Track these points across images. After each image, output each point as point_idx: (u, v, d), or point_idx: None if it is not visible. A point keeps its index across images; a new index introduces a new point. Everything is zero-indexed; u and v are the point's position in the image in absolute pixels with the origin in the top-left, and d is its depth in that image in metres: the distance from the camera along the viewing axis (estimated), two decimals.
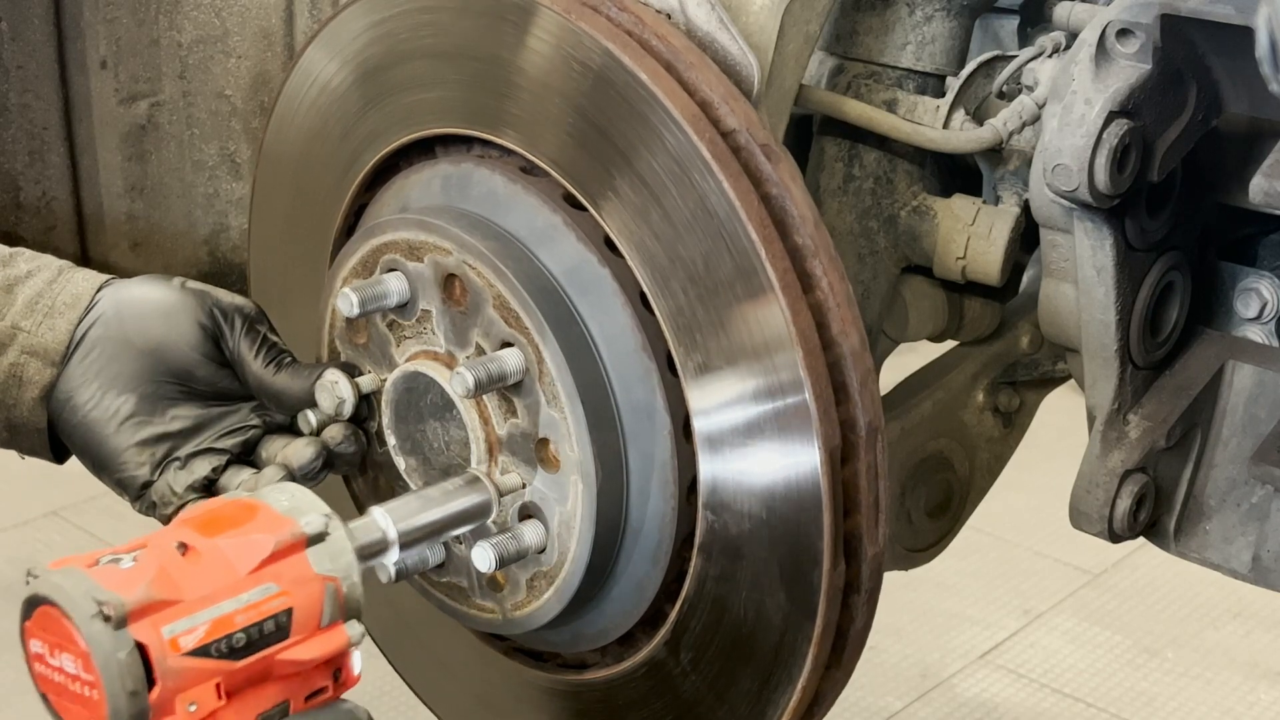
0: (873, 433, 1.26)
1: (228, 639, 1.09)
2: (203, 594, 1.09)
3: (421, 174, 1.45)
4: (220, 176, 2.07)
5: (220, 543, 1.12)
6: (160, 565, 1.09)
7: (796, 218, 1.26)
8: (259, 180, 1.66)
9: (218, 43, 2.00)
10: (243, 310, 1.43)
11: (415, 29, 1.42)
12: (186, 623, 1.07)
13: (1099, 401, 1.54)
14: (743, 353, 1.25)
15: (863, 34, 1.68)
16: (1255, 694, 3.39)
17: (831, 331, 1.25)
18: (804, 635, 1.28)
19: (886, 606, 1.34)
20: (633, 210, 1.29)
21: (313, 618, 1.13)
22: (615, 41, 1.27)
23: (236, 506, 1.17)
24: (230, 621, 1.09)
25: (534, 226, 1.34)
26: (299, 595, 1.13)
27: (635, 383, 1.31)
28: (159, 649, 1.06)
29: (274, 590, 1.11)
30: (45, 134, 1.98)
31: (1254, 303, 1.59)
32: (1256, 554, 1.54)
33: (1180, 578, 3.75)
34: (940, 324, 1.82)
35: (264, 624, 1.10)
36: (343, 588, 1.15)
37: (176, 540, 1.11)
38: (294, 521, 1.15)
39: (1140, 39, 1.33)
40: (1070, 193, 1.38)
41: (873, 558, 1.28)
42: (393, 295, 1.38)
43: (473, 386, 1.30)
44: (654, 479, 1.32)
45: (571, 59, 1.30)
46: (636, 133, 1.27)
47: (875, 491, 1.27)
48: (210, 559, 1.11)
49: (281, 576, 1.12)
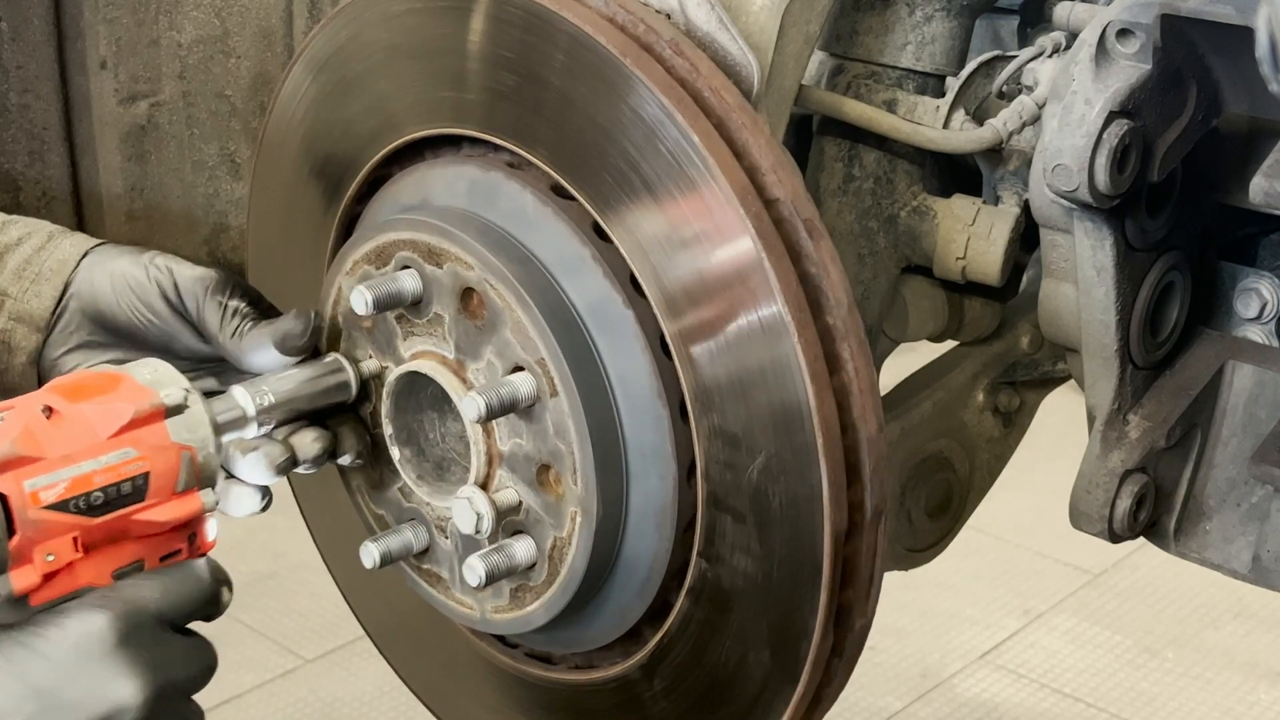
0: (878, 516, 1.26)
1: (86, 496, 1.16)
2: (64, 453, 1.15)
3: (447, 170, 1.42)
4: (220, 176, 2.07)
5: (83, 408, 1.18)
6: (25, 424, 1.15)
7: (831, 300, 1.24)
8: (259, 170, 1.65)
9: (218, 43, 2.00)
10: (204, 280, 1.44)
11: (423, 27, 1.41)
12: (47, 479, 1.14)
13: (1099, 401, 1.54)
14: (760, 425, 1.24)
15: (863, 34, 1.68)
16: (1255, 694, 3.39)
17: (852, 414, 1.24)
18: (782, 697, 1.28)
19: (886, 606, 1.34)
20: (663, 260, 1.28)
21: (169, 483, 1.20)
22: (670, 95, 1.25)
23: (102, 377, 1.23)
24: (89, 480, 1.16)
25: (561, 254, 1.32)
26: (156, 461, 1.19)
27: (646, 427, 1.30)
28: (19, 500, 1.12)
29: (132, 454, 1.18)
30: (45, 134, 1.98)
31: (1254, 303, 1.59)
32: (1256, 554, 1.54)
33: (1180, 578, 3.76)
34: (940, 324, 1.82)
35: (121, 485, 1.17)
36: (198, 456, 1.22)
37: (42, 403, 1.17)
38: (154, 392, 1.21)
39: (1140, 39, 1.33)
40: (1070, 193, 1.38)
41: (860, 628, 1.29)
42: (408, 294, 1.37)
43: (484, 413, 1.29)
44: (651, 519, 1.31)
45: (623, 103, 1.28)
46: (680, 190, 1.26)
47: (872, 568, 1.27)
48: (73, 422, 1.17)
49: (140, 442, 1.19)
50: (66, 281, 1.45)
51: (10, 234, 1.48)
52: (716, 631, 1.31)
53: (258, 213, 1.68)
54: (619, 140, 1.29)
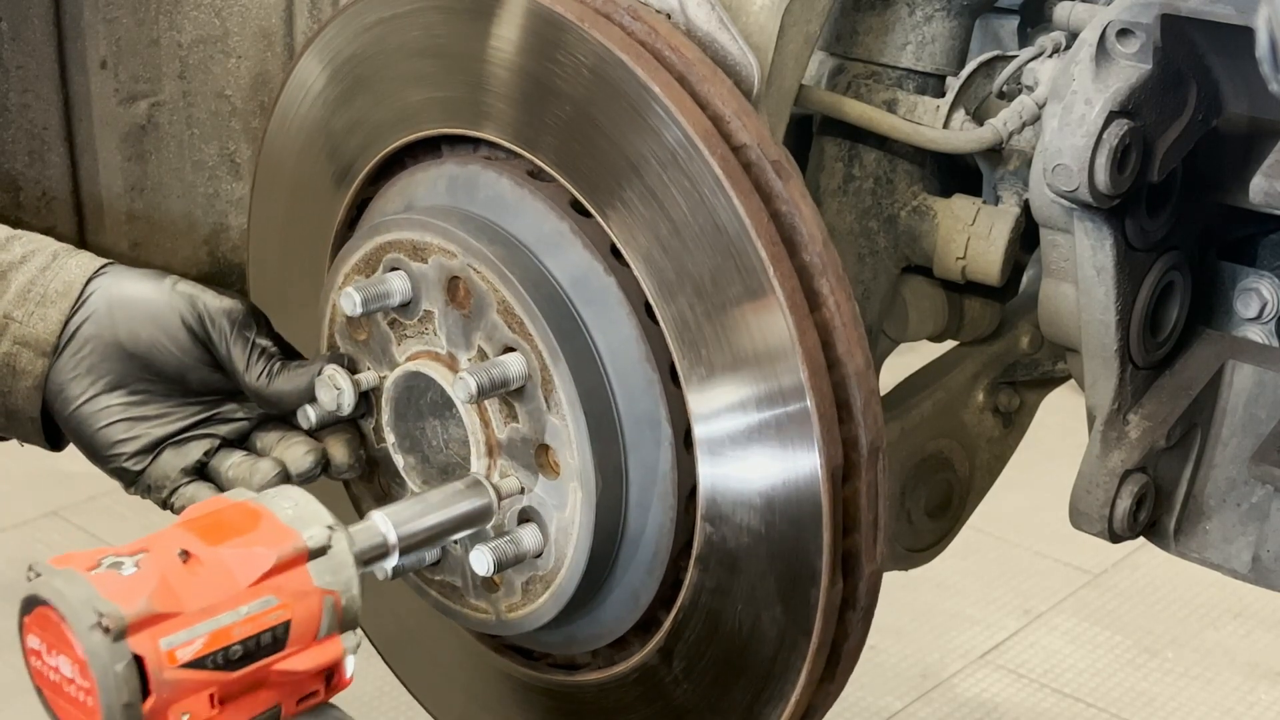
0: (874, 452, 1.26)
1: (224, 651, 1.09)
2: (202, 606, 1.08)
3: (428, 172, 1.44)
4: (220, 176, 2.07)
5: (223, 553, 1.11)
6: (161, 574, 1.08)
7: (805, 235, 1.25)
8: (260, 170, 1.65)
9: (218, 43, 2.00)
10: (230, 314, 1.42)
11: (427, 28, 1.42)
12: (185, 635, 1.07)
13: (1099, 401, 1.54)
14: (747, 367, 1.25)
15: (863, 34, 1.68)
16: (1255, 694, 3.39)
17: (837, 350, 1.25)
18: (799, 651, 1.28)
19: (886, 606, 1.34)
20: (640, 221, 1.28)
21: (310, 629, 1.14)
22: (629, 52, 1.27)
23: (240, 512, 1.16)
24: (228, 634, 1.09)
25: (541, 232, 1.34)
26: (298, 608, 1.13)
27: (638, 392, 1.30)
28: (156, 661, 1.06)
29: (274, 603, 1.11)
30: (45, 134, 1.98)
31: (1254, 303, 1.59)
32: (1256, 554, 1.54)
33: (1180, 578, 3.75)
34: (940, 324, 1.82)
35: (261, 636, 1.10)
36: (341, 600, 1.15)
37: (179, 547, 1.11)
38: (297, 534, 1.14)
39: (1140, 39, 1.33)
40: (1070, 193, 1.38)
41: (870, 575, 1.28)
42: (396, 295, 1.38)
43: (475, 392, 1.30)
44: (654, 489, 1.32)
45: (583, 67, 1.29)
46: (648, 145, 1.27)
47: (875, 510, 1.26)
48: (211, 569, 1.10)
49: (282, 589, 1.12)
50: (75, 304, 1.41)
51: (13, 251, 1.44)
52: (728, 597, 1.31)
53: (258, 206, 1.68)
54: (585, 107, 1.30)
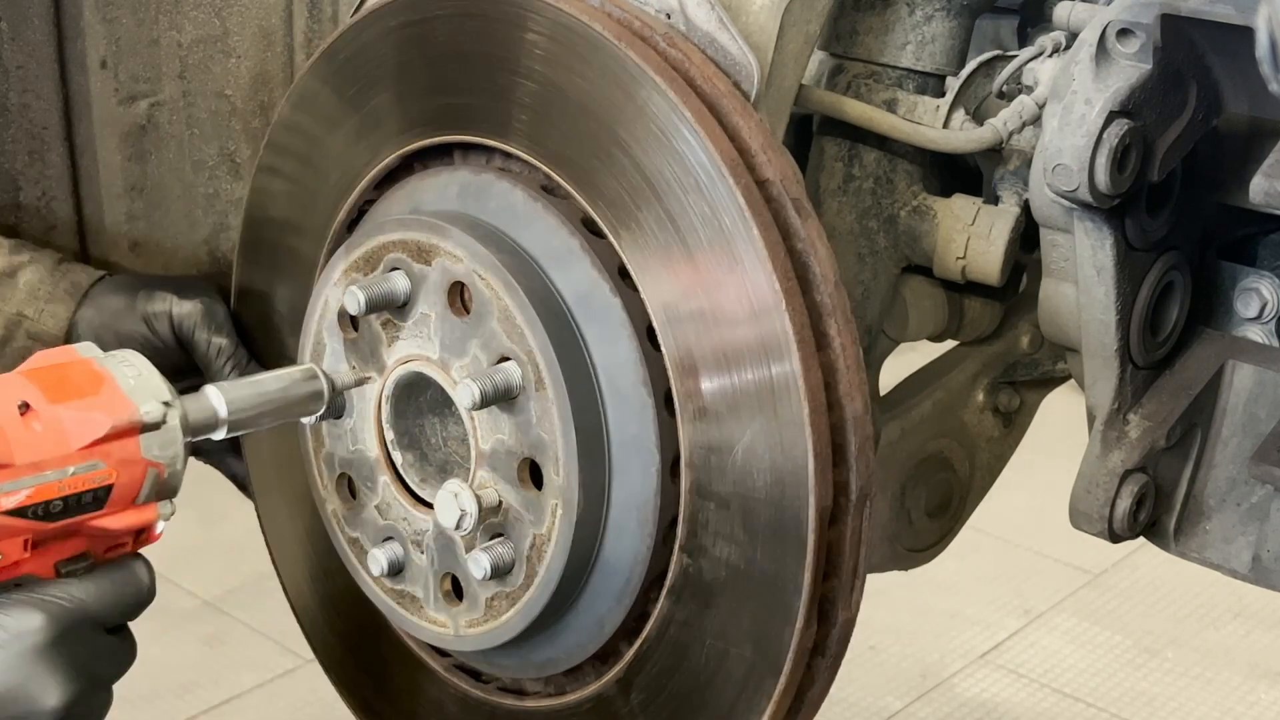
0: (863, 499, 1.25)
1: (46, 504, 1.13)
2: (33, 460, 1.12)
3: (439, 177, 1.43)
4: (220, 176, 2.07)
5: (60, 412, 1.14)
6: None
7: (819, 275, 1.25)
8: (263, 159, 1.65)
9: (218, 43, 2.00)
10: (190, 318, 1.53)
11: (452, 33, 1.40)
12: (10, 485, 1.11)
13: (1099, 401, 1.54)
14: (745, 402, 1.24)
15: (863, 34, 1.68)
16: (1255, 694, 3.40)
17: (838, 392, 1.24)
18: (764, 692, 1.27)
19: (886, 606, 1.34)
20: (653, 243, 1.27)
21: (131, 494, 1.18)
22: (663, 75, 1.26)
23: (84, 372, 1.19)
24: (52, 489, 1.13)
25: (550, 246, 1.33)
26: (123, 475, 1.17)
27: (630, 416, 1.29)
28: None
29: (100, 467, 1.15)
30: (45, 134, 1.98)
31: (1254, 303, 1.59)
32: (1256, 554, 1.54)
33: (1180, 578, 3.76)
34: (940, 324, 1.82)
35: (83, 495, 1.15)
36: (165, 473, 1.20)
37: (20, 398, 1.14)
38: (135, 407, 1.17)
39: (1140, 39, 1.33)
40: (1070, 193, 1.38)
41: (843, 623, 1.28)
42: (400, 295, 1.37)
43: (478, 400, 1.29)
44: (634, 515, 1.30)
45: (616, 86, 1.28)
46: (670, 169, 1.26)
47: (856, 558, 1.26)
48: (47, 426, 1.14)
49: (110, 456, 1.16)
50: (79, 302, 1.55)
51: (22, 255, 1.60)
52: (698, 631, 1.30)
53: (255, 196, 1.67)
54: (611, 126, 1.29)
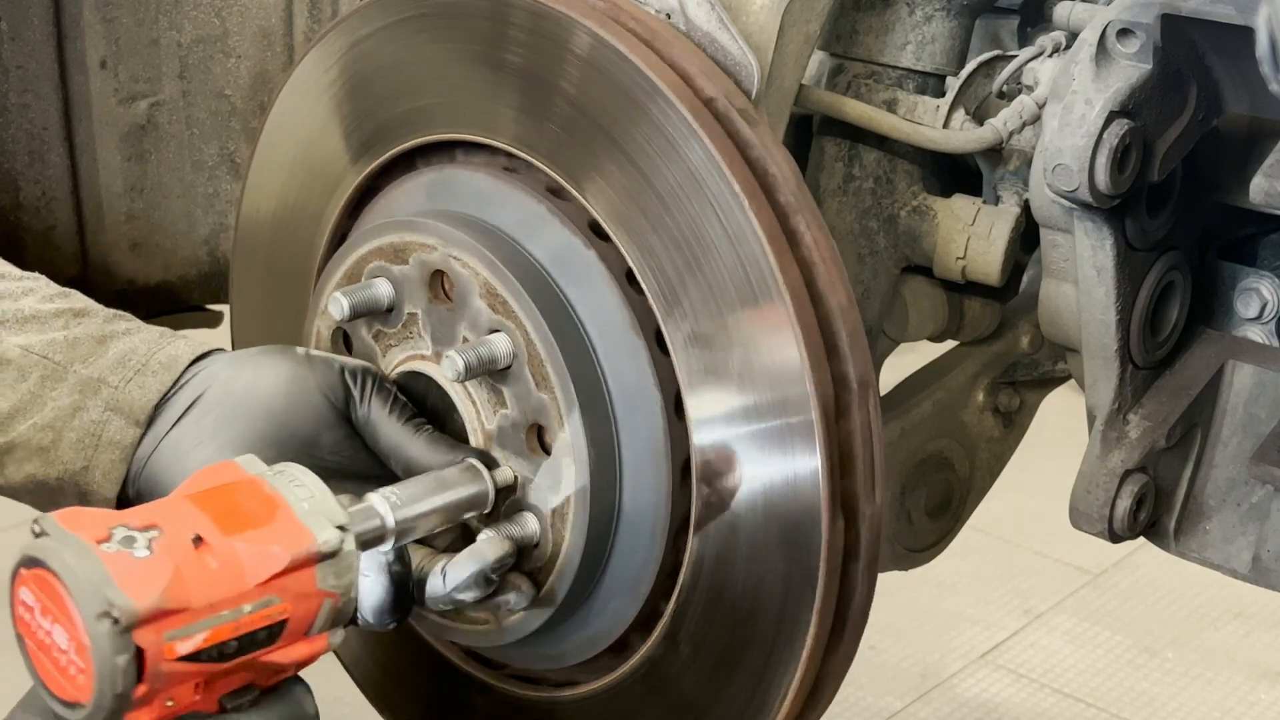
0: (865, 387, 1.24)
1: (220, 646, 1.08)
2: (209, 601, 1.07)
3: (404, 186, 1.46)
4: (220, 176, 2.07)
5: (237, 545, 1.09)
6: (175, 565, 1.06)
7: (779, 177, 1.25)
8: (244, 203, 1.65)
9: (218, 43, 2.00)
10: (371, 371, 1.36)
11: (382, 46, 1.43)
12: (186, 630, 1.06)
13: (1099, 401, 1.54)
14: (730, 310, 1.24)
15: (863, 34, 1.68)
16: (1255, 694, 3.39)
17: (818, 286, 1.24)
18: (805, 604, 1.25)
19: (886, 606, 1.33)
20: (618, 190, 1.29)
21: (304, 627, 1.13)
22: (592, 19, 1.28)
23: (256, 497, 1.14)
24: (228, 630, 1.08)
25: (519, 218, 1.34)
26: (298, 609, 1.12)
27: (625, 361, 1.30)
28: (155, 654, 1.05)
29: (276, 603, 1.10)
30: (45, 134, 1.98)
31: (1254, 303, 1.59)
32: (1256, 554, 1.54)
33: (1180, 578, 3.75)
34: (940, 324, 1.82)
35: (257, 632, 1.10)
36: (340, 602, 1.15)
37: (193, 530, 1.09)
38: (313, 537, 1.12)
39: (1140, 39, 1.33)
40: (1070, 193, 1.38)
41: (870, 518, 1.25)
42: (383, 300, 1.38)
43: (463, 369, 1.29)
44: (647, 457, 1.30)
45: (550, 42, 1.30)
46: (620, 109, 1.27)
47: (871, 451, 1.25)
48: (223, 562, 1.08)
49: (286, 590, 1.11)
50: (178, 379, 1.31)
51: (118, 324, 1.36)
52: (731, 563, 1.29)
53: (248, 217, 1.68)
54: (556, 83, 1.31)
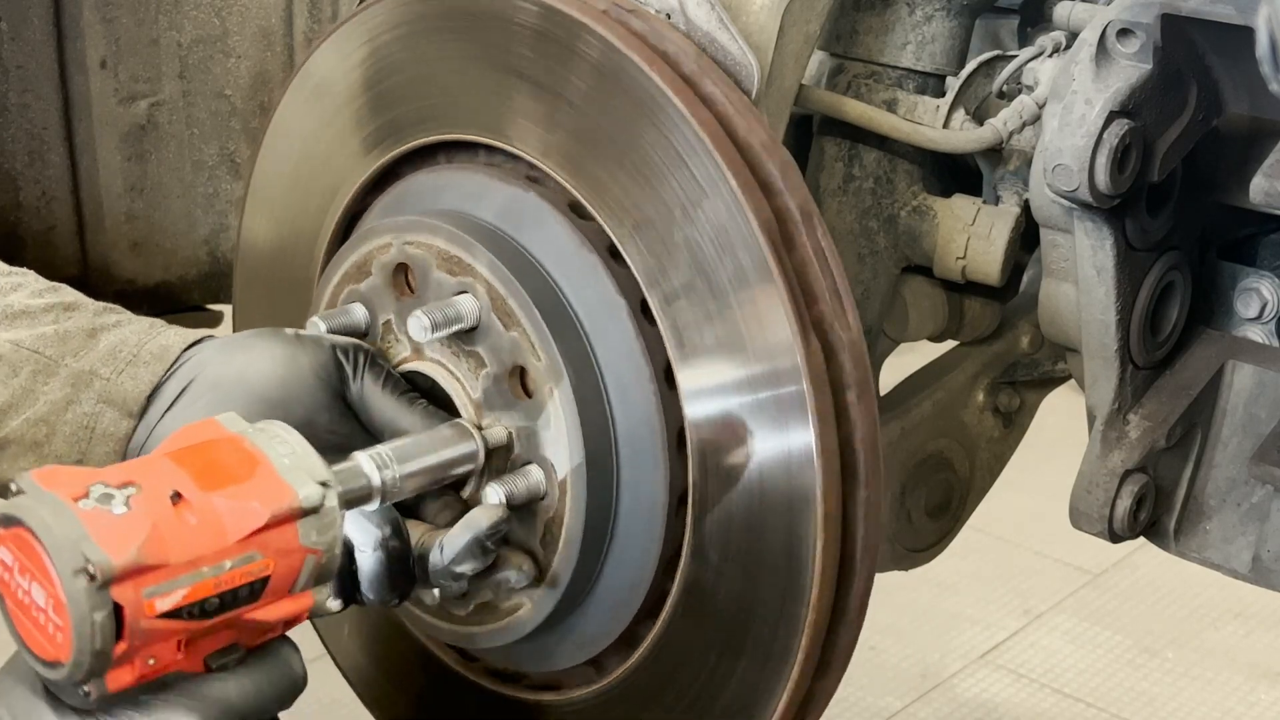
0: (808, 217, 1.25)
1: (202, 603, 1.06)
2: (189, 557, 1.05)
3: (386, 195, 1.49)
4: (220, 176, 2.07)
5: (216, 501, 1.08)
6: (154, 523, 1.05)
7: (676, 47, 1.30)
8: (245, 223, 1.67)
9: (218, 42, 2.00)
10: (363, 348, 1.36)
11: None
12: (166, 586, 1.04)
13: (1099, 401, 1.54)
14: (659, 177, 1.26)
15: (863, 34, 1.68)
16: (1255, 694, 3.39)
17: (734, 124, 1.26)
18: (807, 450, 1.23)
19: (887, 606, 1.33)
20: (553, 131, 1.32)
21: (287, 584, 1.12)
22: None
23: (236, 454, 1.12)
24: (209, 587, 1.06)
25: (464, 191, 1.38)
26: (280, 565, 1.10)
27: (583, 280, 1.31)
28: (135, 611, 1.03)
29: (257, 559, 1.08)
30: (45, 134, 1.98)
31: (1254, 303, 1.59)
32: (1256, 554, 1.54)
33: (1180, 578, 3.75)
34: (940, 324, 1.82)
35: (239, 590, 1.08)
36: (323, 558, 1.13)
37: (171, 486, 1.07)
38: (294, 492, 1.11)
39: (1141, 39, 1.33)
40: (1070, 193, 1.38)
41: (851, 346, 1.25)
42: (361, 322, 1.40)
43: (429, 328, 1.30)
44: (627, 369, 1.30)
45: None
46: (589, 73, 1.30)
47: (832, 275, 1.24)
48: (202, 518, 1.07)
49: (267, 546, 1.09)
50: (170, 367, 1.32)
51: (109, 317, 1.37)
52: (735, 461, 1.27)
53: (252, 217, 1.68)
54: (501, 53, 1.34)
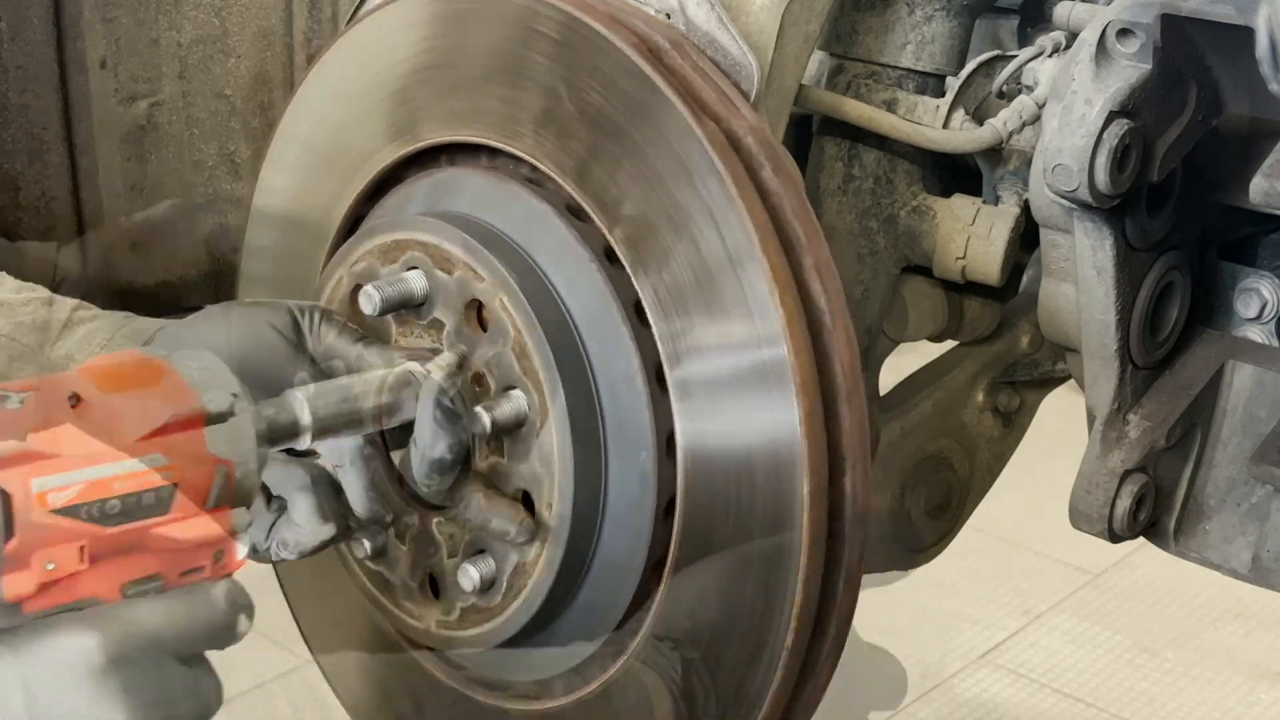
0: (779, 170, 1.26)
1: (101, 504, 1.02)
2: (84, 452, 1.01)
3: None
4: (220, 176, 2.07)
5: (114, 401, 1.04)
6: (46, 414, 1.01)
7: None
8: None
9: (217, 43, 2.00)
10: (316, 306, 1.36)
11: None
12: (59, 479, 1.00)
13: (1099, 401, 1.54)
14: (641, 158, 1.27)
15: (862, 34, 1.68)
16: (1255, 694, 3.39)
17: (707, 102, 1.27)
18: None
19: (886, 606, 1.33)
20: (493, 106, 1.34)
21: (198, 497, 1.07)
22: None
23: (143, 365, 1.09)
24: (107, 486, 1.02)
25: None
26: (188, 472, 1.06)
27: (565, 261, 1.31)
28: (24, 501, 0.99)
29: (161, 462, 1.04)
30: (45, 134, 1.98)
31: (1254, 303, 1.59)
32: (1256, 554, 1.54)
33: (1180, 578, 3.76)
34: (940, 324, 1.82)
35: (144, 495, 1.04)
36: (236, 473, 1.09)
37: (70, 389, 1.04)
38: (198, 395, 1.07)
39: (1140, 39, 1.33)
40: (1070, 193, 1.38)
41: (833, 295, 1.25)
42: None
43: (379, 303, 1.32)
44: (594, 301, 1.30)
45: None
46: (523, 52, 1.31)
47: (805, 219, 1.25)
48: (100, 416, 1.03)
49: (172, 449, 1.05)
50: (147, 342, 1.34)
51: (87, 311, 1.41)
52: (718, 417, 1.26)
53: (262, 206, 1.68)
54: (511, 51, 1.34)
